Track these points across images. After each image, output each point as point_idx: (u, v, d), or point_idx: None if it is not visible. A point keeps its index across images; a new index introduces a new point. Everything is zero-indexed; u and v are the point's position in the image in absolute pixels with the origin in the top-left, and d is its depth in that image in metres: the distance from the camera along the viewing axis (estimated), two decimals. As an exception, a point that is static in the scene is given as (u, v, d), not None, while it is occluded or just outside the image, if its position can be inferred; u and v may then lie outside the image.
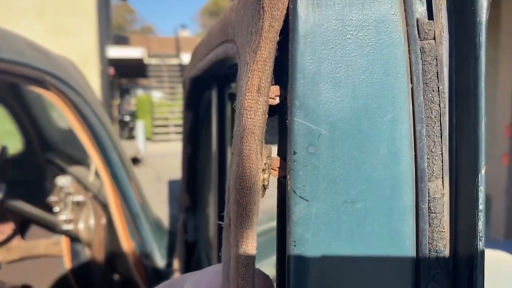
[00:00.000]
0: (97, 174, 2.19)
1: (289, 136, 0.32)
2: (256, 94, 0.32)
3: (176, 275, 1.56)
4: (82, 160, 2.58)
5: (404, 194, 0.33)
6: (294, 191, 0.32)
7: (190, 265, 1.60)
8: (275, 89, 0.34)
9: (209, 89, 1.27)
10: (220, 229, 1.25)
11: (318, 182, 0.32)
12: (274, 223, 0.41)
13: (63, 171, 2.60)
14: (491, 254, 2.38)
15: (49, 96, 1.70)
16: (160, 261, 1.84)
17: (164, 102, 20.38)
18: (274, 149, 0.38)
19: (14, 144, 3.01)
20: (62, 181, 2.48)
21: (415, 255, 0.33)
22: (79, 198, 2.27)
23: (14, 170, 2.94)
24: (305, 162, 0.32)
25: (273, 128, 0.39)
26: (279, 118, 0.36)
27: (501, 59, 6.36)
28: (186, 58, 19.38)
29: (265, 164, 0.33)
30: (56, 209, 2.47)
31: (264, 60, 0.31)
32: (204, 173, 1.58)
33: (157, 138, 18.73)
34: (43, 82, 1.64)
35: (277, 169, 0.35)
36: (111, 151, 1.75)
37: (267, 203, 0.41)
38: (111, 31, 20.65)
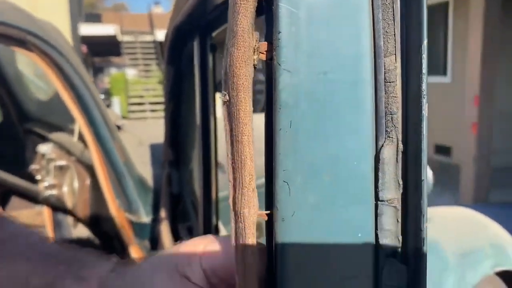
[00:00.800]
0: (80, 137, 2.23)
1: (275, 19, 0.40)
2: (248, -17, 0.39)
3: (162, 224, 1.64)
4: (63, 126, 2.60)
5: (365, 68, 0.41)
6: (279, 64, 0.40)
7: (176, 215, 1.68)
8: (262, -16, 0.42)
9: (191, 41, 1.32)
10: (205, 174, 1.31)
11: (298, 56, 0.40)
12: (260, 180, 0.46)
13: (44, 139, 2.61)
14: (457, 210, 2.54)
15: (32, 57, 1.73)
16: (145, 218, 1.91)
17: (138, 79, 20.12)
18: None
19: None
20: (44, 148, 2.49)
21: (374, 117, 0.42)
22: (62, 162, 2.31)
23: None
24: (288, 39, 0.40)
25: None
26: (266, 12, 0.44)
27: (469, 32, 6.55)
28: (159, 34, 19.13)
29: (254, 46, 0.41)
30: (38, 177, 2.48)
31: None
32: (187, 127, 1.64)
33: (132, 116, 18.53)
34: (25, 42, 1.66)
35: (265, 52, 0.43)
36: (94, 111, 1.80)
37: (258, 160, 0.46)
38: (82, 8, 20.14)
